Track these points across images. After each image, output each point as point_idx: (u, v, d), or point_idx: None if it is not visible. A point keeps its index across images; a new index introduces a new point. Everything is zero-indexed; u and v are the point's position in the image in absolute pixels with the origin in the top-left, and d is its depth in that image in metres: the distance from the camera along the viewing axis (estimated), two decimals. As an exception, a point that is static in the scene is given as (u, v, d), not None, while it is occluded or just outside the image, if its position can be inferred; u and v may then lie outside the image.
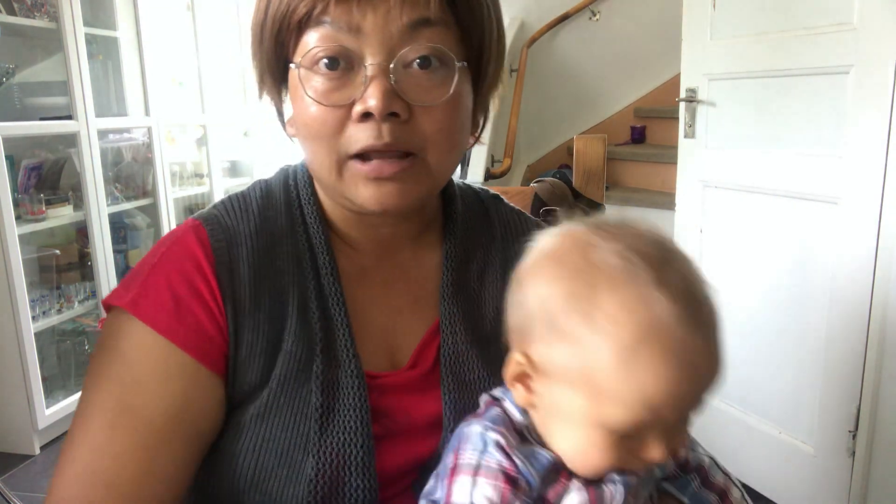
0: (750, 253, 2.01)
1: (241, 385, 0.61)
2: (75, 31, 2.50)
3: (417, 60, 0.58)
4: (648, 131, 3.90)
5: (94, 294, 2.67)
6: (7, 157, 2.26)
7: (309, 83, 0.59)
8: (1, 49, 2.52)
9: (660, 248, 0.52)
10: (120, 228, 2.91)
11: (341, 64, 0.58)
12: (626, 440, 0.51)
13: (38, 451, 2.41)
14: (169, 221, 3.05)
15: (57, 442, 2.48)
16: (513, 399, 0.56)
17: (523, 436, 0.55)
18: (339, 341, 0.63)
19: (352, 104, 0.58)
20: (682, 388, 0.48)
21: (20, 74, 2.62)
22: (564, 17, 3.90)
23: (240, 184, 3.73)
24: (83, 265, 2.72)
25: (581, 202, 1.27)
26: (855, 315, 1.70)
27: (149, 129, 2.97)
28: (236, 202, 0.68)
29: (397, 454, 0.63)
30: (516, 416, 0.56)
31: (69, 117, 2.54)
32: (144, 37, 2.89)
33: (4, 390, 2.37)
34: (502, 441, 0.52)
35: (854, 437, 1.74)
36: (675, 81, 2.39)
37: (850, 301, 1.72)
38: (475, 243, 0.73)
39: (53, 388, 2.55)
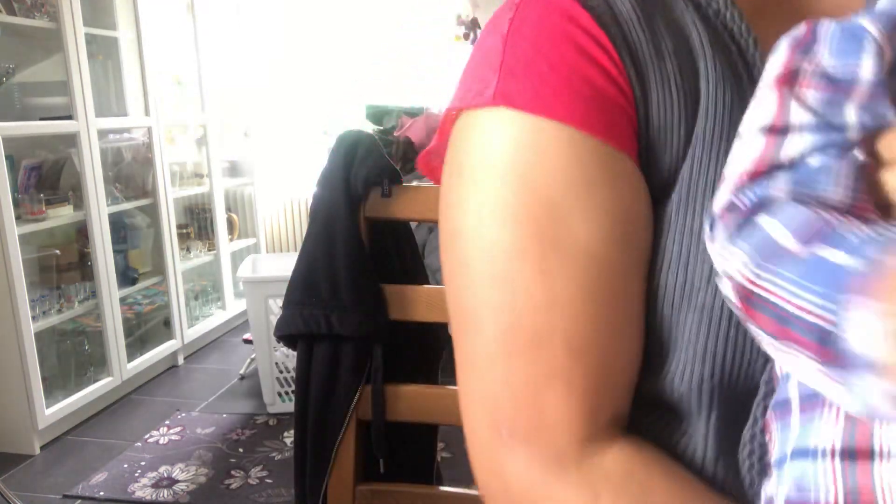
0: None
1: (659, 172, 0.43)
2: (75, 31, 2.50)
3: None
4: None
5: (94, 294, 2.67)
6: (7, 157, 2.26)
7: None
8: (1, 49, 2.52)
9: None
10: (120, 228, 2.91)
11: None
12: None
13: (37, 451, 2.40)
14: (169, 221, 3.05)
15: (57, 442, 2.48)
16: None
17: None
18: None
19: None
20: None
21: (20, 74, 2.62)
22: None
23: (240, 184, 3.74)
24: (83, 265, 2.72)
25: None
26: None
27: (149, 129, 2.97)
28: None
29: None
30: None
31: (69, 117, 2.53)
32: (144, 37, 2.89)
33: (4, 390, 2.37)
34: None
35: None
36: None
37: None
38: None
39: (53, 388, 2.54)
